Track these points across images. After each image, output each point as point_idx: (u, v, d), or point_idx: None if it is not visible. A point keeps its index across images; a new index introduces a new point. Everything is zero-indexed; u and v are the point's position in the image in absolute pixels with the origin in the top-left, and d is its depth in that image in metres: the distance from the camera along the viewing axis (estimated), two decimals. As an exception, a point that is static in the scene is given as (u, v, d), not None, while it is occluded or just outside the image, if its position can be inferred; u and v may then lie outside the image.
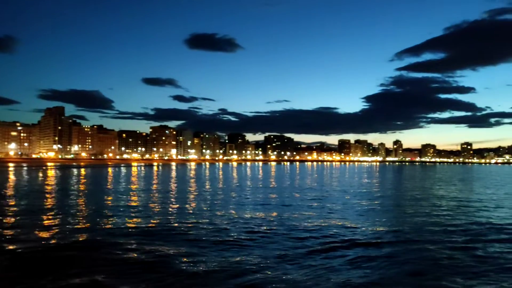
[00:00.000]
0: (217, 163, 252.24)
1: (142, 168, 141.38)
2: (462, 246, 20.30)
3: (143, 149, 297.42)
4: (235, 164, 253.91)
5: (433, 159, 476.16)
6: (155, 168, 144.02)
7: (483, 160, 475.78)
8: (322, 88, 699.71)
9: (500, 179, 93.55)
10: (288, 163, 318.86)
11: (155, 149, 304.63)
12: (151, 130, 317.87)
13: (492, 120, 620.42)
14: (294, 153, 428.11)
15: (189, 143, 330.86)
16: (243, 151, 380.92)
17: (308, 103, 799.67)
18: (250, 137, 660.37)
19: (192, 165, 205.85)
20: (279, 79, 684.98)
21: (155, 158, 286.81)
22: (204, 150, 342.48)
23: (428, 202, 40.80)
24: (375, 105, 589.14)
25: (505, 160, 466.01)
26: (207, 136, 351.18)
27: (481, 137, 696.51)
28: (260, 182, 70.45)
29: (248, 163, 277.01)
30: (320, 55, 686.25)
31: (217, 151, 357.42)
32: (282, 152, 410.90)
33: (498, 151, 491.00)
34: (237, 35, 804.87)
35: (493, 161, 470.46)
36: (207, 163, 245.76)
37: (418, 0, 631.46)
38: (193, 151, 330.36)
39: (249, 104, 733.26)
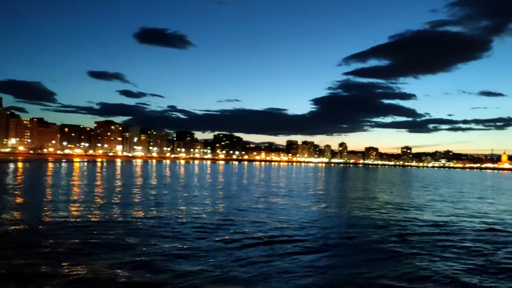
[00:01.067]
0: (164, 161, 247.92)
1: (85, 164, 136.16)
2: (393, 242, 21.43)
3: (87, 144, 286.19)
4: (182, 162, 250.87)
5: (375, 162, 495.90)
6: (98, 164, 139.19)
7: (421, 164, 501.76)
8: (272, 89, 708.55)
9: (435, 182, 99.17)
10: (237, 162, 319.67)
11: (99, 145, 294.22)
12: (95, 125, 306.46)
13: (431, 126, 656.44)
14: (243, 152, 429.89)
15: (135, 139, 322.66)
16: (192, 149, 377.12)
17: (258, 104, 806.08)
18: (199, 135, 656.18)
19: (138, 162, 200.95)
20: (230, 78, 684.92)
21: (99, 154, 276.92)
22: (151, 147, 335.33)
23: (367, 202, 42.52)
24: (322, 108, 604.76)
25: (441, 164, 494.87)
26: (154, 133, 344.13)
27: (420, 141, 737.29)
28: (204, 179, 70.20)
29: (196, 162, 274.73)
30: (271, 57, 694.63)
31: (165, 148, 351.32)
32: (231, 151, 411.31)
33: (435, 156, 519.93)
34: (189, 32, 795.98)
35: (430, 164, 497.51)
36: (154, 161, 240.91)
37: (365, 8, 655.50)
38: (139, 148, 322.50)
39: (199, 102, 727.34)
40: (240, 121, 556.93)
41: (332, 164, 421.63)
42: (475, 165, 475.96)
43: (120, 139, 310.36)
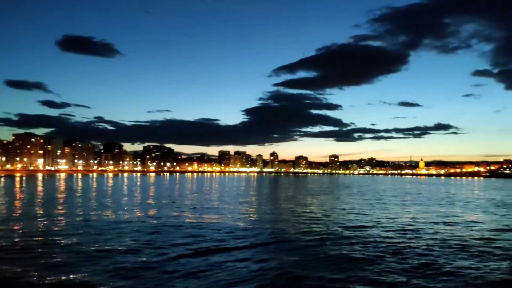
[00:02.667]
0: (90, 174, 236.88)
1: (2, 179, 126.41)
2: (317, 243, 22.71)
3: (4, 158, 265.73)
4: (111, 175, 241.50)
5: (305, 170, 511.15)
6: (17, 179, 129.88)
7: (347, 171, 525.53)
8: (204, 100, 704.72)
9: (360, 187, 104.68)
10: (168, 174, 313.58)
11: (18, 158, 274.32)
12: (14, 137, 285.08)
13: (356, 135, 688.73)
14: (175, 163, 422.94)
15: (58, 152, 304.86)
16: (120, 162, 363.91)
17: (189, 114, 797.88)
18: (128, 147, 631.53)
19: (62, 176, 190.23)
20: (160, 88, 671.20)
21: (18, 169, 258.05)
22: (76, 160, 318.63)
23: (295, 208, 44.11)
24: (254, 118, 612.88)
25: (366, 171, 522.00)
26: (80, 145, 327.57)
27: (346, 150, 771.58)
28: (134, 192, 68.45)
29: (126, 174, 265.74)
30: (202, 67, 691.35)
31: (91, 161, 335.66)
32: (162, 163, 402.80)
33: (360, 163, 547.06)
34: (117, 41, 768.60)
35: (356, 172, 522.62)
36: (79, 174, 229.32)
37: (294, 21, 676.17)
38: (63, 161, 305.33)
39: (128, 112, 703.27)
40: (171, 132, 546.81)
41: (264, 173, 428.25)
42: (396, 172, 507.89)
43: (41, 152, 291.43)
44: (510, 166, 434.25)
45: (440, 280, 16.56)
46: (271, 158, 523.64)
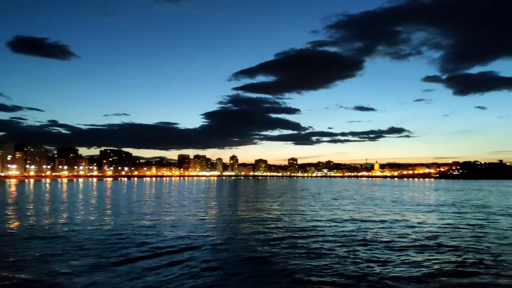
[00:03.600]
0: (43, 180, 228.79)
1: None
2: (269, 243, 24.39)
3: None
4: (65, 180, 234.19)
5: (264, 173, 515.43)
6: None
7: (306, 174, 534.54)
8: (163, 103, 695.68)
9: (316, 190, 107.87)
10: (126, 178, 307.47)
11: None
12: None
13: (314, 138, 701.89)
14: (133, 168, 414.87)
15: (9, 157, 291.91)
16: (76, 167, 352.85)
17: (148, 118, 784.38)
18: (84, 151, 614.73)
19: (12, 182, 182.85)
20: (118, 92, 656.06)
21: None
22: (28, 166, 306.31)
23: (253, 211, 45.74)
24: (214, 122, 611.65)
25: (323, 174, 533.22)
26: (32, 150, 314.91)
27: (305, 153, 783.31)
28: (90, 197, 67.77)
29: (81, 180, 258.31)
30: (161, 70, 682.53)
31: (44, 166, 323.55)
32: (120, 168, 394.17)
33: (318, 166, 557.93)
34: (72, 43, 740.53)
35: (314, 174, 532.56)
36: (32, 180, 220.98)
37: (253, 27, 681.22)
38: (14, 166, 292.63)
39: (83, 116, 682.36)
40: (129, 135, 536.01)
41: (224, 177, 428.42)
42: (353, 174, 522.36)
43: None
44: (458, 167, 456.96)
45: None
46: (231, 161, 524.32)
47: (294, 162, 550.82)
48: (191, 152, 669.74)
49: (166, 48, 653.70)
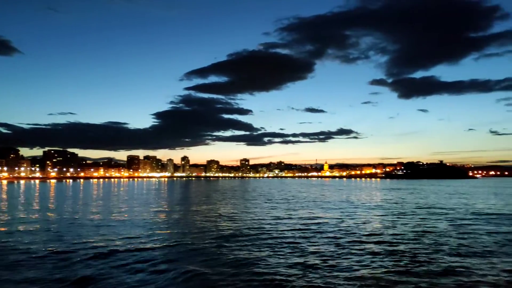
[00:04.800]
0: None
1: None
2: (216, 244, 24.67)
3: None
4: (5, 182, 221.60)
5: (216, 174, 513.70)
6: None
7: (257, 174, 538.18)
8: (112, 102, 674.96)
9: (266, 190, 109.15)
10: (71, 180, 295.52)
11: None
12: None
13: (266, 139, 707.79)
14: (79, 169, 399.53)
15: None
16: (16, 168, 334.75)
17: (96, 117, 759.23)
18: (25, 152, 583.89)
19: None
20: (64, 90, 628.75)
21: None
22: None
23: (203, 212, 45.77)
24: (165, 122, 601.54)
25: (275, 174, 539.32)
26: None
27: (257, 154, 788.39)
28: (32, 200, 64.82)
29: (22, 181, 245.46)
30: (110, 68, 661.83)
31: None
32: (64, 169, 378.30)
33: (270, 166, 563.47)
34: (15, 38, 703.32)
35: (265, 175, 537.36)
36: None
37: (206, 26, 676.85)
38: None
39: (26, 115, 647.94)
40: (75, 135, 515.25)
41: (175, 178, 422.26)
42: (303, 174, 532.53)
43: None
44: (402, 168, 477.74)
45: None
46: (182, 162, 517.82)
47: (246, 162, 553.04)
48: (141, 153, 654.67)
49: (115, 46, 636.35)
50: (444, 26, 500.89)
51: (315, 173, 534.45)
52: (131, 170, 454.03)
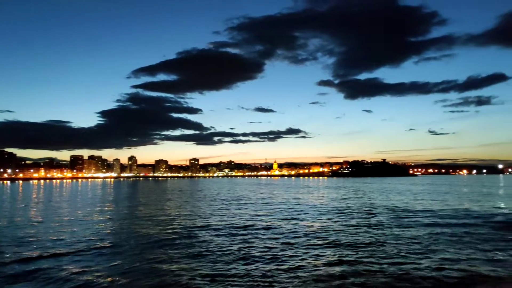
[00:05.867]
0: None
1: None
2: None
3: None
4: None
5: (165, 174, 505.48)
6: None
7: (207, 174, 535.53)
8: (54, 100, 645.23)
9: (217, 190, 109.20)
10: (9, 182, 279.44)
11: None
12: None
13: (216, 138, 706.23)
14: (17, 170, 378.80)
15: None
16: None
17: (36, 115, 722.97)
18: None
19: None
20: (1, 86, 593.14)
21: None
22: None
23: (149, 213, 45.23)
24: (111, 121, 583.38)
25: (225, 174, 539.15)
26: None
27: (206, 153, 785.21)
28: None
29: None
30: (53, 64, 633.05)
31: None
32: (1, 170, 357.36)
33: (220, 166, 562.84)
34: None
35: (215, 174, 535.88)
36: None
37: (154, 23, 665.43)
38: None
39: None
40: (13, 135, 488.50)
41: (122, 179, 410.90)
42: (253, 173, 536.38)
43: None
44: (348, 166, 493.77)
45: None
46: (130, 162, 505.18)
47: (196, 162, 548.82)
48: (85, 153, 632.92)
49: (58, 41, 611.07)
50: (387, 31, 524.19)
51: (264, 172, 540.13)
52: (75, 171, 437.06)
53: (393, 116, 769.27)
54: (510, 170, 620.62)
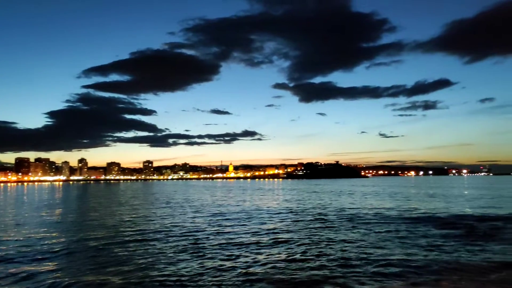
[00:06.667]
0: None
1: None
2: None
3: None
4: None
5: (117, 177, 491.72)
6: None
7: (161, 177, 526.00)
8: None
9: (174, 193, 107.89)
10: None
11: None
12: None
13: (170, 140, 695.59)
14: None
15: None
16: None
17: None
18: None
19: None
20: None
21: None
22: None
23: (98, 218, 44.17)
24: (60, 122, 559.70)
25: (179, 176, 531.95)
26: None
27: (161, 155, 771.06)
28: None
29: None
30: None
31: None
32: None
33: (174, 168, 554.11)
34: None
35: (170, 177, 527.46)
36: None
37: (107, 22, 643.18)
38: None
39: None
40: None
41: (71, 182, 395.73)
42: (208, 176, 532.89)
43: None
44: (302, 168, 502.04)
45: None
46: (80, 165, 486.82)
47: (150, 164, 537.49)
48: (32, 155, 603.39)
49: (2, 39, 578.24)
50: (340, 36, 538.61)
51: (220, 175, 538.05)
52: (20, 174, 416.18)
53: (346, 119, 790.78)
54: (453, 171, 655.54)
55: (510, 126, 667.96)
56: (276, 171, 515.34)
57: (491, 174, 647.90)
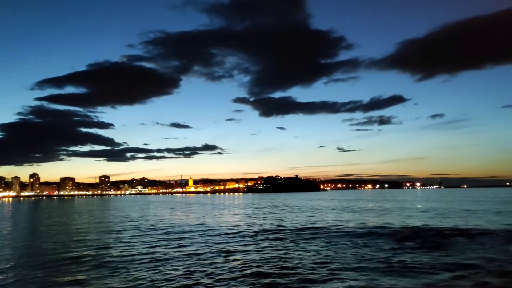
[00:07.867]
0: None
1: None
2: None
3: None
4: None
5: (72, 193, 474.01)
6: None
7: (119, 192, 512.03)
8: None
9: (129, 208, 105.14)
10: None
11: None
12: None
13: (128, 154, 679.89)
14: None
15: None
16: None
17: None
18: None
19: None
20: None
21: None
22: None
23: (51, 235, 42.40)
24: (10, 135, 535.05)
25: (138, 191, 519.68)
26: None
27: (118, 170, 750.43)
28: None
29: None
30: None
31: None
32: None
33: (132, 183, 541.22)
34: None
35: (127, 192, 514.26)
36: None
37: (62, 33, 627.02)
38: None
39: None
40: None
41: (22, 198, 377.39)
42: (168, 190, 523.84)
43: None
44: (263, 182, 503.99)
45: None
46: (31, 180, 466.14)
47: (106, 179, 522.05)
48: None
49: None
50: (299, 52, 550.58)
51: (179, 189, 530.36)
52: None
53: (305, 133, 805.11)
54: (408, 184, 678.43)
55: (459, 141, 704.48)
56: (236, 185, 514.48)
57: (442, 187, 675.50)
